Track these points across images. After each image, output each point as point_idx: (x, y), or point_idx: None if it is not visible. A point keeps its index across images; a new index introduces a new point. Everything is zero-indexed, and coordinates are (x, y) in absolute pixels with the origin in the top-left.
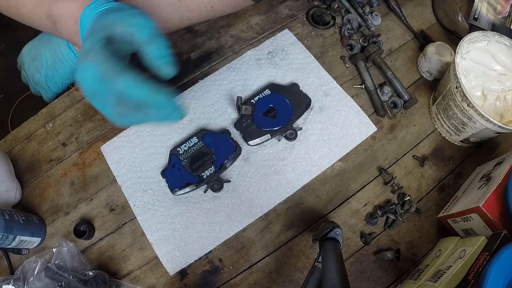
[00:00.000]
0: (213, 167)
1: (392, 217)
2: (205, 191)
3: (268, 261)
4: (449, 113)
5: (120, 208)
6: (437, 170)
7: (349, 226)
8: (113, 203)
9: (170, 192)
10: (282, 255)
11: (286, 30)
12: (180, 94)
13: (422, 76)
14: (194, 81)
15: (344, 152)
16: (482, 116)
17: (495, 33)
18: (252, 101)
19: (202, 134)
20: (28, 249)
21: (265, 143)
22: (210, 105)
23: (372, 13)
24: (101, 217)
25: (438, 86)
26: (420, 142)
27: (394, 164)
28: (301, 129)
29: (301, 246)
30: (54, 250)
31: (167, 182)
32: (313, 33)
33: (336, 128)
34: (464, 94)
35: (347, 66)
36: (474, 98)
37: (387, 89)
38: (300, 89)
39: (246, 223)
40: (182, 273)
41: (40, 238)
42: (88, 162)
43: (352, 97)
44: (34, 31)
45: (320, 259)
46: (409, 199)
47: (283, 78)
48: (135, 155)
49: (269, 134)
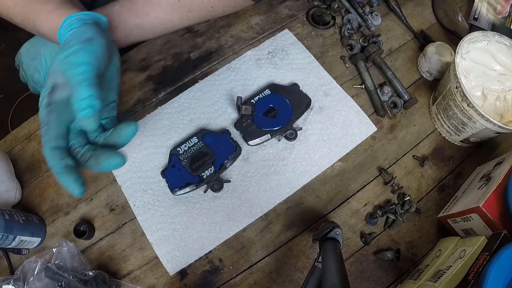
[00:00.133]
0: (213, 167)
1: (392, 217)
2: (205, 191)
3: (268, 261)
4: (449, 113)
5: (120, 208)
6: (437, 170)
7: (349, 226)
8: (113, 203)
9: (170, 192)
10: (282, 255)
11: (286, 30)
12: (180, 94)
13: (422, 76)
14: (194, 81)
15: (344, 152)
16: (482, 116)
17: (495, 33)
18: (252, 101)
19: (202, 134)
20: (28, 249)
21: (265, 143)
22: (210, 105)
23: (372, 13)
24: (101, 217)
25: (438, 86)
26: (420, 142)
27: (394, 164)
28: (301, 129)
29: (301, 246)
30: (54, 250)
31: (167, 182)
32: (313, 33)
33: (336, 128)
34: (464, 94)
35: (347, 66)
36: (474, 98)
37: (387, 89)
38: (300, 89)
39: (246, 223)
40: (182, 273)
41: (40, 238)
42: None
43: (352, 97)
44: None
45: (320, 259)
46: (409, 199)
47: (283, 78)
48: (135, 155)
49: (269, 134)
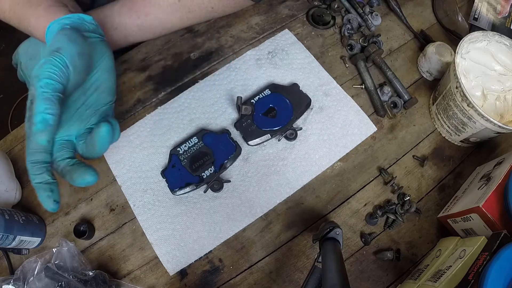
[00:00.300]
0: (213, 167)
1: (392, 217)
2: (205, 191)
3: (268, 261)
4: (449, 113)
5: (120, 208)
6: (437, 170)
7: (349, 226)
8: (113, 203)
9: (170, 192)
10: (282, 255)
11: (286, 30)
12: (180, 94)
13: (422, 76)
14: (194, 81)
15: (344, 152)
16: (482, 116)
17: (495, 33)
18: (252, 101)
19: (202, 134)
20: (28, 249)
21: (265, 143)
22: (210, 105)
23: (372, 13)
24: (101, 217)
25: (438, 86)
26: (420, 142)
27: (394, 164)
28: (301, 129)
29: (301, 246)
30: (54, 250)
31: (167, 182)
32: (313, 33)
33: (336, 128)
34: (464, 94)
35: (347, 66)
36: (474, 98)
37: (387, 89)
38: (300, 89)
39: (246, 223)
40: (182, 273)
41: (40, 238)
42: (88, 162)
43: (352, 97)
44: None
45: (320, 259)
46: (409, 199)
47: (283, 78)
48: (135, 155)
49: (269, 134)
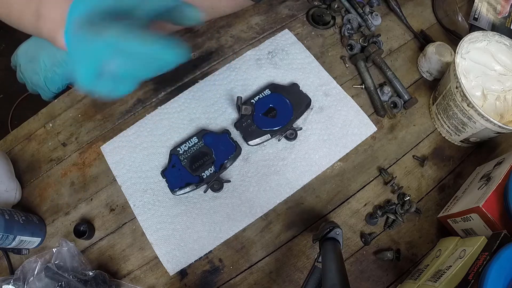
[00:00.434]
0: (213, 167)
1: (392, 217)
2: (205, 191)
3: (268, 261)
4: (449, 113)
5: (120, 208)
6: (437, 170)
7: (349, 226)
8: (113, 203)
9: (170, 192)
10: (282, 255)
11: (286, 30)
12: (180, 94)
13: (422, 76)
14: (194, 81)
15: (344, 152)
16: (482, 116)
17: (495, 33)
18: (252, 101)
19: (202, 134)
20: (28, 249)
21: (265, 143)
22: (210, 105)
23: (372, 13)
24: (101, 217)
25: (438, 86)
26: (420, 142)
27: (394, 164)
28: (301, 129)
29: (301, 246)
30: (54, 250)
31: (167, 182)
32: (313, 33)
33: (336, 128)
34: (464, 94)
35: (347, 66)
36: (474, 98)
37: (387, 89)
38: (300, 89)
39: (246, 223)
40: (182, 273)
41: (40, 238)
42: (88, 162)
43: (352, 97)
44: None
45: (320, 259)
46: (409, 199)
47: (283, 78)
48: (135, 155)
49: (269, 134)
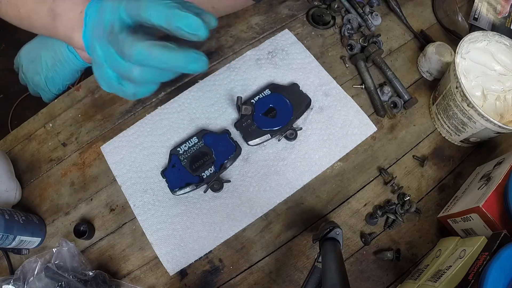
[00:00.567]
0: (213, 167)
1: (392, 217)
2: (205, 191)
3: (268, 261)
4: (449, 113)
5: (120, 208)
6: (437, 170)
7: (349, 226)
8: (113, 203)
9: (170, 192)
10: (282, 255)
11: (286, 30)
12: (180, 94)
13: (422, 76)
14: (194, 81)
15: (344, 152)
16: (482, 116)
17: (495, 33)
18: (252, 101)
19: (202, 134)
20: (28, 249)
21: (265, 143)
22: (210, 105)
23: (372, 13)
24: (101, 217)
25: (438, 86)
26: (420, 142)
27: (394, 164)
28: (301, 129)
29: (301, 246)
30: (54, 250)
31: (167, 182)
32: (313, 33)
33: (336, 128)
34: (464, 94)
35: (347, 66)
36: (474, 98)
37: (387, 89)
38: (300, 89)
39: (246, 223)
40: (182, 273)
41: (40, 238)
42: (88, 162)
43: (352, 97)
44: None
45: (320, 259)
46: (409, 199)
47: (283, 78)
48: (135, 155)
49: (269, 134)
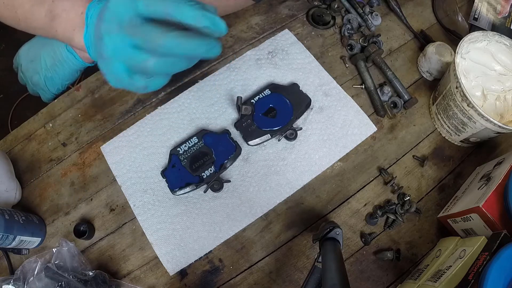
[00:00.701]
0: (213, 167)
1: (392, 217)
2: (205, 191)
3: (268, 261)
4: (449, 113)
5: (120, 208)
6: (437, 170)
7: (349, 226)
8: (113, 203)
9: (170, 192)
10: (282, 255)
11: (286, 30)
12: (180, 94)
13: (422, 76)
14: (194, 81)
15: (344, 152)
16: (482, 116)
17: (495, 33)
18: (252, 101)
19: (202, 134)
20: (28, 249)
21: (265, 143)
22: (210, 105)
23: (372, 13)
24: (101, 217)
25: (438, 86)
26: (420, 142)
27: (394, 164)
28: (301, 129)
29: (301, 246)
30: (54, 250)
31: (167, 182)
32: (313, 33)
33: (336, 128)
34: (464, 94)
35: (347, 66)
36: (474, 98)
37: (387, 89)
38: (300, 89)
39: (246, 223)
40: (182, 273)
41: (40, 238)
42: (88, 162)
43: (352, 97)
44: None
45: (320, 259)
46: (409, 199)
47: (283, 78)
48: (135, 155)
49: (269, 134)
